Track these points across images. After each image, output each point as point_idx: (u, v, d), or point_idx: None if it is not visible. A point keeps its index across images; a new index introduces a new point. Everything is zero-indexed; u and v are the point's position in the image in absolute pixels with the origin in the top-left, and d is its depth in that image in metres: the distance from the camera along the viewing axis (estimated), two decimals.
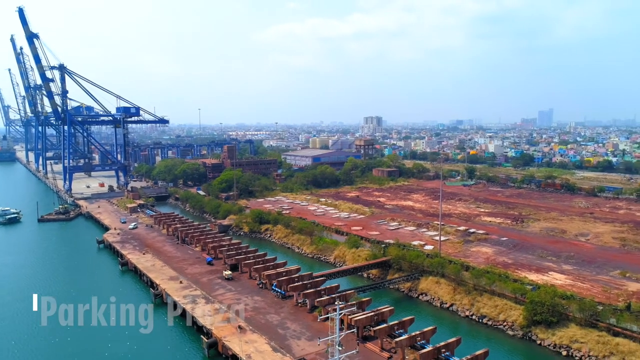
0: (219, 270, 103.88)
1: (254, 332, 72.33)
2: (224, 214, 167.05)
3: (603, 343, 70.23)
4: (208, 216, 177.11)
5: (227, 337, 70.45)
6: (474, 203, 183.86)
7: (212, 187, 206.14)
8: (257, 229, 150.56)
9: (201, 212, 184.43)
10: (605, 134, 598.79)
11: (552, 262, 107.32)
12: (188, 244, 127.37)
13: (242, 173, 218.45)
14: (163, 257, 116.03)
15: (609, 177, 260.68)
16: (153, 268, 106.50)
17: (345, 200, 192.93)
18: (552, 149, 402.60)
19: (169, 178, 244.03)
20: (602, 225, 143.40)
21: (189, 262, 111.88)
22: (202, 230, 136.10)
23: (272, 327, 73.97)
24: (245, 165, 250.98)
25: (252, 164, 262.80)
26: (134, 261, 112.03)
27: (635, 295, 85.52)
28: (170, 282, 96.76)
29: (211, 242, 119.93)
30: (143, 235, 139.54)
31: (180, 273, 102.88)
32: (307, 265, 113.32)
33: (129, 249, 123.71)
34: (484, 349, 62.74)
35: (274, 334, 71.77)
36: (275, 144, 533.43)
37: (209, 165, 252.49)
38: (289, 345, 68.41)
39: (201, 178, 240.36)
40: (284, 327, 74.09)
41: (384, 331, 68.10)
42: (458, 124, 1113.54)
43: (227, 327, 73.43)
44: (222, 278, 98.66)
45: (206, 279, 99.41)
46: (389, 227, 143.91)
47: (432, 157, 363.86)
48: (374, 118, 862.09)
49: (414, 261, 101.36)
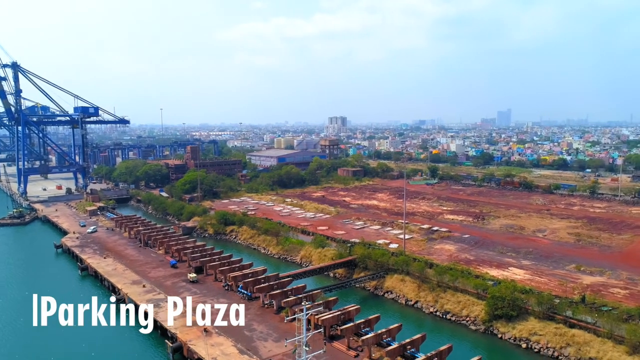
0: (184, 273, 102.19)
1: (220, 334, 71.52)
2: (188, 215, 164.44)
3: (560, 335, 73.02)
4: (171, 218, 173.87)
5: (193, 340, 69.39)
6: (437, 201, 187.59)
7: (175, 189, 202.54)
8: (222, 231, 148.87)
9: (164, 214, 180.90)
10: (560, 134, 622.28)
11: (511, 257, 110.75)
12: (151, 247, 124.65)
13: (206, 174, 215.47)
14: (125, 260, 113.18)
15: (564, 174, 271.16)
16: (115, 272, 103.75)
17: (311, 200, 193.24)
18: (511, 148, 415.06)
19: (130, 180, 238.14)
20: (558, 221, 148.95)
21: (152, 265, 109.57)
22: (166, 232, 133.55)
23: (238, 329, 73.18)
24: (209, 166, 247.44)
25: (217, 164, 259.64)
26: (95, 265, 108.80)
27: (589, 288, 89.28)
28: (132, 286, 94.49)
29: (175, 244, 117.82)
30: (104, 238, 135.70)
31: (143, 277, 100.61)
32: (273, 266, 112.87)
33: (88, 253, 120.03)
34: (447, 345, 64.08)
35: (241, 336, 71.17)
36: (239, 144, 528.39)
37: (172, 166, 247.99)
38: (256, 347, 68.02)
39: (164, 179, 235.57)
40: (250, 328, 73.58)
41: (351, 330, 68.62)
42: (421, 124, 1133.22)
43: (192, 331, 72.31)
44: (187, 281, 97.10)
45: (170, 282, 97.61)
46: (355, 226, 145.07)
47: (396, 157, 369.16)
48: (338, 118, 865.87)
49: (379, 260, 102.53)
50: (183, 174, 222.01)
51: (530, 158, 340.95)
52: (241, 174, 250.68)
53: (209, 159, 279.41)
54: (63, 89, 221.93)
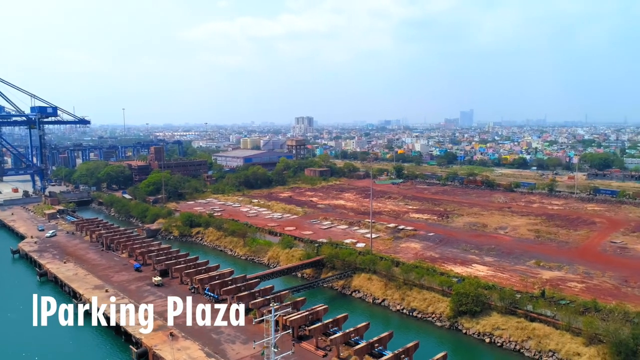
0: (148, 276, 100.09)
1: (186, 338, 70.44)
2: (152, 218, 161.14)
3: (521, 329, 75.33)
4: (135, 221, 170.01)
5: (158, 345, 68.07)
6: (403, 200, 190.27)
7: (138, 190, 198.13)
8: (187, 233, 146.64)
9: (127, 217, 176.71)
10: (519, 133, 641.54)
11: (475, 254, 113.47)
12: (114, 250, 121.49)
13: (170, 175, 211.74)
14: (86, 265, 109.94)
15: (524, 173, 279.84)
16: (76, 277, 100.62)
17: (278, 200, 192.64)
18: (473, 148, 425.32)
19: (91, 182, 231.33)
20: (518, 218, 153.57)
21: (115, 269, 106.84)
22: (129, 235, 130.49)
23: (205, 332, 72.34)
24: (174, 166, 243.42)
25: (182, 165, 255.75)
26: (54, 271, 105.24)
27: (548, 282, 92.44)
28: (95, 291, 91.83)
29: (139, 247, 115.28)
30: (64, 242, 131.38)
31: (106, 281, 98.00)
32: (240, 268, 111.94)
33: (47, 258, 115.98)
34: (414, 341, 65.09)
35: (208, 339, 70.29)
36: (205, 144, 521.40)
37: (135, 168, 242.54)
38: (224, 349, 67.32)
39: (127, 181, 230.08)
40: (217, 332, 72.72)
41: (319, 330, 68.84)
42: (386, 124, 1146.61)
43: (157, 336, 70.93)
44: (152, 284, 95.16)
45: (134, 286, 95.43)
46: (322, 226, 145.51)
47: (362, 157, 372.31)
48: (305, 118, 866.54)
49: (346, 259, 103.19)
50: (147, 176, 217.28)
51: (492, 157, 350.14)
52: (207, 175, 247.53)
53: (173, 160, 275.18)
54: (19, 88, 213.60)
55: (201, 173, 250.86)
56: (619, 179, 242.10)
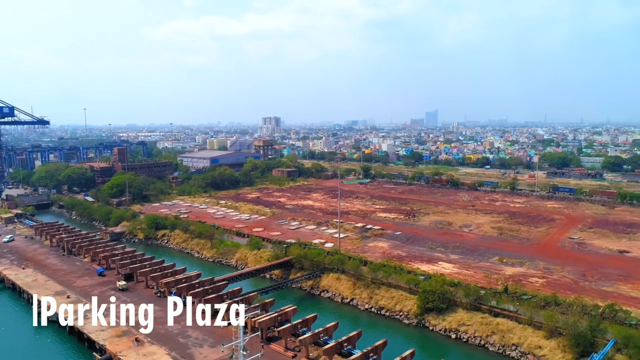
0: (112, 281, 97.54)
1: (152, 343, 69.01)
2: (116, 220, 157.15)
3: (486, 324, 77.28)
4: (98, 224, 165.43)
5: (123, 351, 66.45)
6: (370, 200, 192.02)
7: (101, 193, 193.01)
8: (153, 235, 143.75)
9: (90, 220, 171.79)
10: (483, 133, 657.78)
11: (441, 252, 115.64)
12: (76, 255, 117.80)
13: (134, 177, 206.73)
14: (47, 270, 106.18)
15: (487, 172, 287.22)
16: (35, 283, 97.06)
17: (246, 201, 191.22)
18: (438, 148, 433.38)
19: (51, 184, 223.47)
20: (482, 216, 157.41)
21: (77, 274, 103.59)
22: (92, 239, 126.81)
23: (172, 336, 71.13)
24: (138, 168, 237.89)
25: (146, 166, 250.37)
26: (12, 277, 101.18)
27: (511, 278, 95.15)
28: (56, 297, 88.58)
29: (102, 251, 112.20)
30: (22, 248, 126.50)
31: (68, 287, 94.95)
32: (208, 270, 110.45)
33: (5, 264, 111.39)
34: (382, 339, 65.77)
35: (175, 343, 69.09)
36: (170, 145, 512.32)
37: (98, 169, 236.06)
38: (191, 353, 66.31)
39: (89, 183, 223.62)
40: (185, 335, 71.60)
41: (288, 331, 68.70)
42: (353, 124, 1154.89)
43: (122, 341, 69.27)
44: (116, 289, 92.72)
45: (98, 291, 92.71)
46: (290, 226, 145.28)
47: (329, 157, 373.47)
48: (272, 118, 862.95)
49: (315, 259, 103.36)
50: (110, 177, 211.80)
51: (457, 157, 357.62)
52: (172, 176, 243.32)
53: (137, 161, 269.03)
54: None
55: (167, 174, 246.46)
56: (577, 177, 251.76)
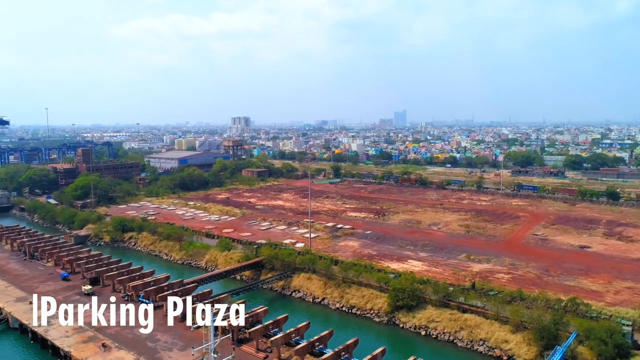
0: (77, 285, 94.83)
1: (120, 348, 67.52)
2: (81, 223, 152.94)
3: (454, 320, 78.76)
4: (62, 227, 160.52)
5: (89, 357, 64.75)
6: (341, 200, 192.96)
7: (65, 195, 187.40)
8: (119, 238, 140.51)
9: (53, 223, 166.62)
10: (450, 133, 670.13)
11: (410, 250, 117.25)
12: (38, 259, 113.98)
13: (100, 178, 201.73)
14: (7, 276, 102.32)
15: (455, 171, 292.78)
16: None
17: (215, 202, 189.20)
18: (407, 147, 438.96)
19: (11, 186, 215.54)
20: (450, 214, 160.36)
21: (40, 279, 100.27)
22: (55, 243, 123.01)
23: (140, 341, 69.73)
24: (103, 169, 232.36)
25: (112, 167, 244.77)
26: None
27: (478, 275, 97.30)
28: (17, 304, 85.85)
29: (66, 255, 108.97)
30: None
31: (30, 292, 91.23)
32: (177, 272, 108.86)
33: None
34: (354, 338, 66.20)
35: (143, 348, 67.76)
36: (137, 145, 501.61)
37: (61, 171, 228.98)
38: (160, 358, 65.17)
39: (52, 185, 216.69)
40: (153, 340, 70.29)
41: (259, 332, 68.35)
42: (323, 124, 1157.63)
43: (88, 347, 67.52)
44: (81, 294, 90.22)
45: (62, 296, 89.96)
46: (261, 227, 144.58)
47: (300, 157, 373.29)
48: (241, 118, 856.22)
49: (286, 259, 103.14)
50: (74, 179, 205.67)
51: (425, 156, 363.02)
52: (139, 177, 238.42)
53: (103, 162, 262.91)
54: None
55: (133, 175, 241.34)
56: (540, 175, 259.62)
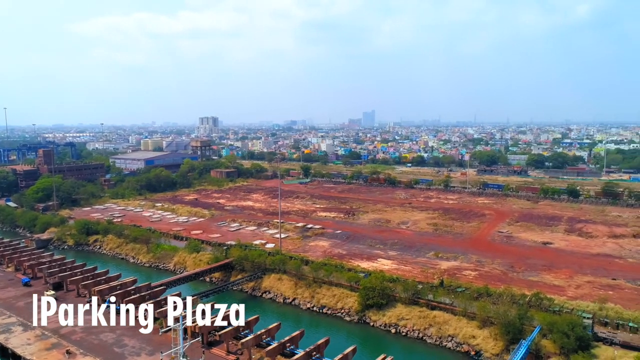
0: (40, 291, 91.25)
1: (85, 355, 65.61)
2: (43, 227, 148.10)
3: (424, 317, 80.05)
4: (22, 231, 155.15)
5: None
6: (311, 200, 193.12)
7: (25, 198, 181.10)
8: (84, 241, 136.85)
9: (13, 227, 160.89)
10: (417, 133, 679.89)
11: (380, 249, 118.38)
12: None
13: (62, 180, 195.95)
14: None
15: (422, 170, 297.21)
16: None
17: (184, 203, 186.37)
18: (376, 147, 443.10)
19: None
20: (418, 213, 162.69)
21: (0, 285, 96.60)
22: (15, 247, 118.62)
23: (107, 346, 68.00)
24: (66, 171, 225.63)
25: (75, 169, 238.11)
26: None
27: (446, 272, 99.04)
28: None
29: (27, 260, 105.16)
30: None
31: None
32: (144, 275, 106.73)
33: None
34: (325, 338, 66.32)
35: (110, 353, 66.05)
36: (101, 146, 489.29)
37: (21, 173, 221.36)
38: None
39: (11, 188, 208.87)
40: (121, 344, 68.66)
41: (230, 334, 67.67)
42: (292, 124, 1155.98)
43: (52, 355, 65.33)
44: None
45: (23, 302, 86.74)
46: (230, 228, 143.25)
47: (269, 157, 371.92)
48: (209, 118, 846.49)
49: (256, 260, 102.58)
50: (35, 181, 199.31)
51: (393, 156, 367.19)
52: (104, 179, 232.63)
53: (65, 163, 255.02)
54: None
55: (98, 177, 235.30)
56: (504, 173, 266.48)
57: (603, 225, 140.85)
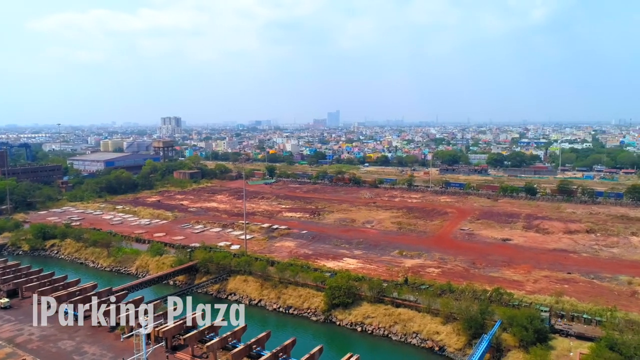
0: None
1: None
2: None
3: (389, 315, 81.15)
4: None
5: None
6: (276, 200, 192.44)
7: None
8: (40, 246, 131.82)
9: None
10: (381, 133, 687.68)
11: (345, 249, 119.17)
12: None
13: (16, 182, 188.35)
14: None
15: (387, 170, 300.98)
16: None
17: (146, 205, 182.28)
18: (341, 147, 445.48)
19: None
20: (383, 212, 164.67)
21: None
22: None
23: (65, 355, 65.73)
24: (20, 173, 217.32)
25: (31, 171, 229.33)
26: None
27: (410, 270, 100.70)
28: None
29: None
30: None
31: None
32: (105, 280, 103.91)
33: None
34: (291, 338, 66.21)
35: None
36: (59, 147, 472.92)
37: None
38: None
39: None
40: (80, 352, 66.52)
41: (194, 338, 66.65)
42: (257, 125, 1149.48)
43: None
44: None
45: None
46: (194, 230, 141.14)
47: (233, 158, 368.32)
48: (172, 119, 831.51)
49: (221, 262, 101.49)
50: None
51: (358, 156, 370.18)
52: (62, 181, 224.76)
53: (20, 165, 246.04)
54: None
55: (55, 179, 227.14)
56: (465, 172, 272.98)
57: (559, 221, 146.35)
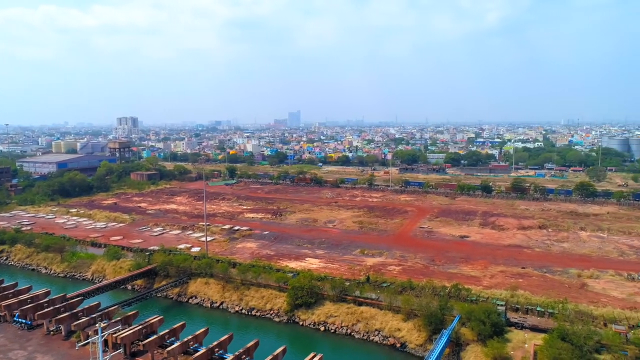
0: None
1: None
2: None
3: (351, 313, 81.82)
4: None
5: None
6: (237, 201, 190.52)
7: None
8: None
9: None
10: (342, 133, 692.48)
11: (307, 249, 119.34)
12: None
13: None
14: None
15: (348, 169, 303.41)
16: None
17: (101, 208, 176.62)
18: (302, 147, 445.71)
19: None
20: (344, 211, 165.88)
21: None
22: None
23: None
24: None
25: None
26: None
27: (372, 268, 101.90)
28: None
29: None
30: None
31: None
32: (59, 287, 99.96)
33: None
34: (254, 340, 65.78)
35: None
36: (6, 149, 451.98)
37: None
38: None
39: None
40: None
41: (154, 343, 65.14)
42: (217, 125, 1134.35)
43: None
44: None
45: None
46: (153, 233, 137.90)
47: (193, 158, 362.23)
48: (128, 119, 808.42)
49: (181, 265, 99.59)
50: None
51: (319, 156, 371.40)
52: (11, 184, 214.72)
53: None
54: None
55: (3, 182, 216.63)
56: (424, 172, 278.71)
57: (513, 218, 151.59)
